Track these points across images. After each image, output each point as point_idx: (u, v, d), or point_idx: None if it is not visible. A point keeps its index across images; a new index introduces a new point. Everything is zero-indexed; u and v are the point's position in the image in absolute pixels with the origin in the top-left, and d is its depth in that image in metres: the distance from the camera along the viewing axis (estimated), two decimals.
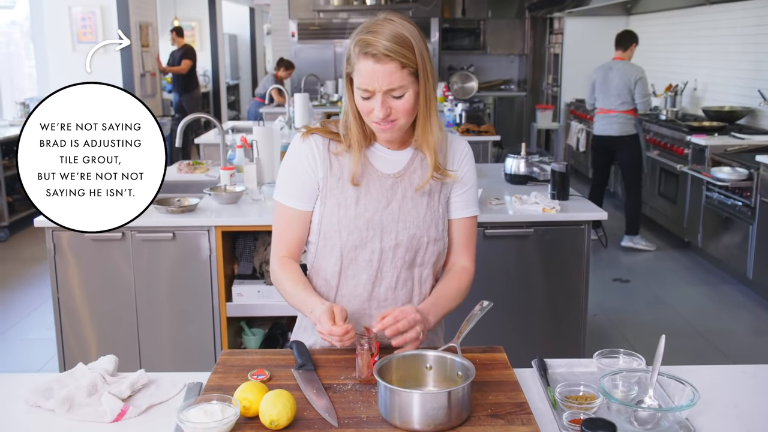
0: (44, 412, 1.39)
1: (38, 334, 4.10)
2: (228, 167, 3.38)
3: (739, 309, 4.52)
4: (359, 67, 1.50)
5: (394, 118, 1.53)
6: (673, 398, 1.36)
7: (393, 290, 1.64)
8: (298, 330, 1.78)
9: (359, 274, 1.63)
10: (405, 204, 1.61)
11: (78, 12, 8.06)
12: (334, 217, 1.61)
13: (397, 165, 1.64)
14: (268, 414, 1.27)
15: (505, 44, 10.54)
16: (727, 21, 6.08)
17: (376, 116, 1.51)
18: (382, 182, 1.61)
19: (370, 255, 1.61)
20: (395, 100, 1.51)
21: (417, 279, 1.66)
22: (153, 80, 8.91)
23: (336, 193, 1.61)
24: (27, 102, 7.35)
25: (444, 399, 1.27)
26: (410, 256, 1.63)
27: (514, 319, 3.11)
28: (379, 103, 1.50)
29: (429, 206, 1.63)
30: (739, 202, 4.72)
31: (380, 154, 1.64)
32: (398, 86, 1.49)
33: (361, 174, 1.61)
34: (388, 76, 1.48)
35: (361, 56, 1.49)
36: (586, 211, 3.08)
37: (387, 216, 1.60)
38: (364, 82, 1.50)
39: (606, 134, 5.76)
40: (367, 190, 1.61)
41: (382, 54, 1.47)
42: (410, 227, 1.61)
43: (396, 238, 1.60)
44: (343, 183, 1.61)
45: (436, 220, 1.64)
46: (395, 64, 1.48)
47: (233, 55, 14.53)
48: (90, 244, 2.97)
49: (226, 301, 3.05)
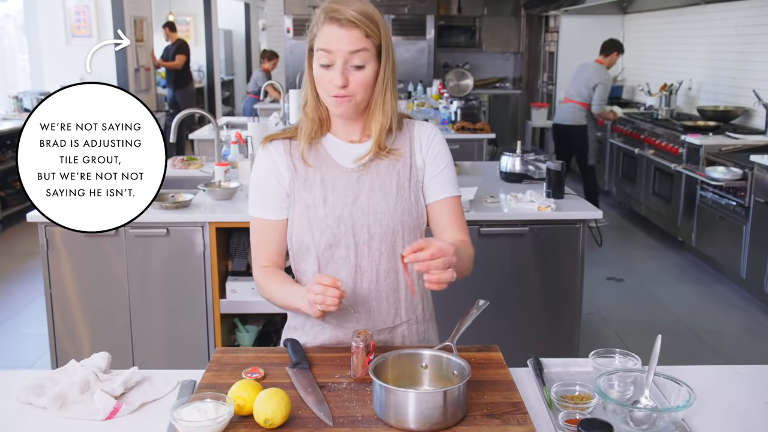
0: (36, 410, 1.38)
1: (31, 330, 4.08)
2: (222, 163, 3.36)
3: (733, 308, 4.53)
4: (323, 32, 1.49)
5: (351, 92, 1.51)
6: (669, 398, 1.36)
7: (375, 283, 1.62)
8: (287, 330, 1.76)
9: (338, 272, 1.61)
10: (373, 196, 1.59)
11: (72, 6, 8.02)
12: (304, 218, 1.59)
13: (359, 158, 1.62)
14: (263, 412, 1.26)
15: (500, 42, 10.54)
16: (723, 21, 6.09)
17: (335, 83, 1.49)
18: (348, 177, 1.59)
19: (345, 251, 1.60)
20: (355, 71, 1.50)
21: (401, 270, 1.63)
22: (147, 75, 8.87)
23: (304, 194, 1.60)
24: (20, 96, 7.31)
25: (440, 398, 1.27)
26: (387, 247, 1.60)
27: (509, 318, 3.11)
28: (339, 71, 1.48)
29: (399, 195, 1.60)
30: (733, 202, 4.73)
31: (343, 149, 1.62)
32: (361, 49, 1.48)
33: (321, 165, 1.60)
34: (353, 39, 1.47)
35: (326, 22, 1.48)
36: (581, 209, 3.08)
37: (356, 210, 1.58)
38: (326, 44, 1.48)
39: (560, 122, 6.28)
40: (334, 187, 1.59)
41: (348, 20, 1.47)
42: (382, 218, 1.59)
43: (369, 231, 1.59)
44: (309, 184, 1.60)
45: (409, 207, 1.61)
46: (360, 32, 1.48)
47: (228, 51, 14.49)
48: (83, 240, 2.95)
49: (220, 298, 3.04)
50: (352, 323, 1.63)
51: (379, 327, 1.63)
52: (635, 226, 6.51)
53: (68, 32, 8.08)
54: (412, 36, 9.72)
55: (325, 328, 1.66)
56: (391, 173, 1.61)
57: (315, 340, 1.67)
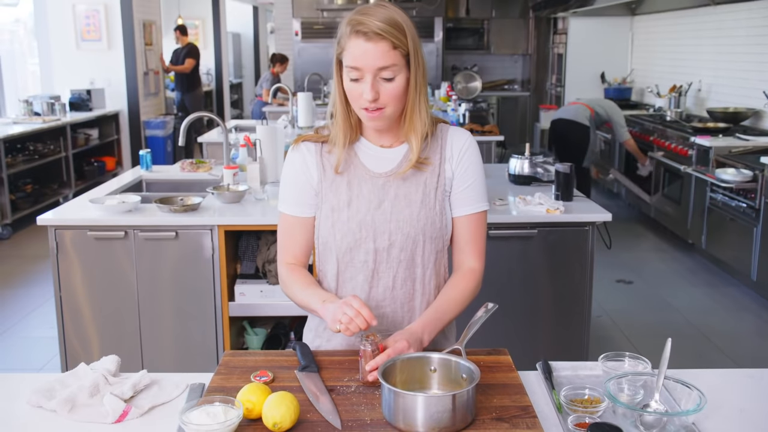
0: (46, 413, 1.38)
1: (40, 333, 4.10)
2: (231, 166, 3.37)
3: (743, 311, 4.50)
4: (350, 47, 1.48)
5: (383, 104, 1.50)
6: (680, 402, 1.35)
7: (391, 290, 1.62)
8: (307, 330, 1.76)
9: (356, 276, 1.62)
10: (398, 203, 1.58)
11: (82, 10, 8.06)
12: (328, 220, 1.60)
13: (389, 163, 1.61)
14: (271, 416, 1.26)
15: (508, 44, 10.54)
16: (732, 21, 6.07)
17: (366, 98, 1.48)
18: (374, 182, 1.59)
19: (364, 256, 1.60)
20: (385, 83, 1.49)
21: (419, 279, 1.63)
22: (156, 78, 8.91)
23: (330, 197, 1.60)
24: (30, 100, 7.35)
25: (449, 402, 1.26)
26: (406, 255, 1.60)
27: (518, 321, 3.10)
28: (369, 85, 1.47)
29: (424, 204, 1.59)
30: (743, 204, 4.70)
31: (371, 152, 1.62)
32: (390, 65, 1.47)
33: (349, 169, 1.60)
34: (379, 54, 1.46)
35: (352, 36, 1.47)
36: (590, 212, 3.07)
37: (379, 216, 1.58)
38: (354, 60, 1.47)
39: (562, 117, 6.00)
40: (360, 191, 1.59)
41: (374, 33, 1.45)
42: (404, 226, 1.58)
43: (389, 238, 1.58)
44: (336, 186, 1.60)
45: (433, 218, 1.60)
46: (387, 44, 1.46)
47: (236, 54, 14.54)
48: (93, 243, 2.96)
49: (229, 301, 3.05)
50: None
51: (392, 332, 1.63)
52: (645, 228, 6.48)
53: (78, 36, 8.13)
54: (420, 38, 9.70)
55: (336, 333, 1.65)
56: (418, 181, 1.60)
57: (329, 343, 1.67)
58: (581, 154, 5.86)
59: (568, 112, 6.04)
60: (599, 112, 5.91)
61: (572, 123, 5.90)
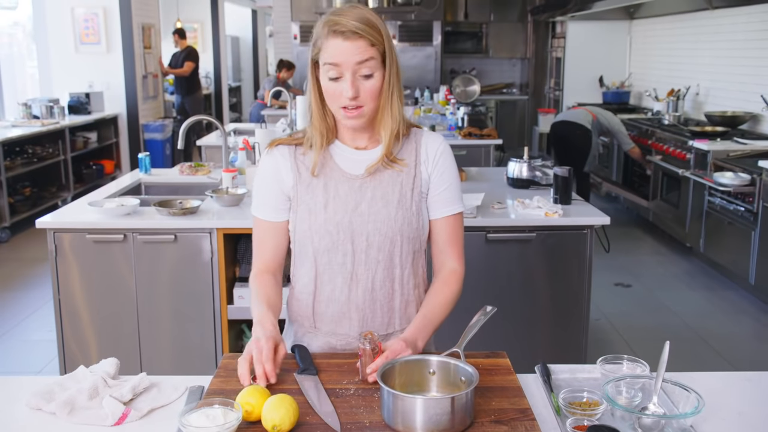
0: (45, 415, 1.38)
1: (39, 336, 4.10)
2: (230, 169, 3.37)
3: (742, 314, 4.51)
4: (327, 46, 1.50)
5: (362, 102, 1.52)
6: (678, 405, 1.36)
7: (371, 292, 1.62)
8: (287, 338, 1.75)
9: (335, 278, 1.62)
10: (374, 204, 1.59)
11: (81, 13, 8.07)
12: (305, 223, 1.61)
13: (364, 165, 1.62)
14: (271, 419, 1.26)
15: (507, 48, 10.55)
16: (730, 26, 6.08)
17: (346, 95, 1.50)
18: (351, 184, 1.60)
19: (342, 258, 1.60)
20: (364, 80, 1.51)
21: (398, 279, 1.64)
22: (155, 82, 8.91)
23: (306, 199, 1.61)
24: (29, 103, 7.35)
25: (447, 405, 1.26)
26: (384, 256, 1.61)
27: (517, 324, 3.11)
28: (349, 82, 1.50)
29: (400, 204, 1.60)
30: (741, 208, 4.71)
31: (347, 155, 1.63)
32: (368, 59, 1.49)
33: (325, 171, 1.60)
34: (358, 50, 1.49)
35: (330, 35, 1.50)
36: (588, 215, 3.08)
37: (356, 218, 1.59)
38: (332, 57, 1.49)
39: (564, 119, 6.02)
40: (336, 193, 1.60)
41: (351, 31, 1.48)
42: (381, 227, 1.59)
43: (367, 239, 1.59)
44: (312, 189, 1.61)
45: (409, 218, 1.61)
46: (364, 41, 1.49)
47: (235, 57, 14.55)
48: (91, 246, 2.96)
49: (228, 304, 3.05)
50: (345, 330, 1.64)
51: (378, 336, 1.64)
52: (643, 231, 6.49)
53: (77, 39, 8.13)
54: (418, 42, 9.73)
55: (317, 335, 1.67)
56: (395, 182, 1.61)
57: (309, 347, 1.66)
58: (582, 158, 5.86)
59: (569, 115, 6.06)
60: (601, 120, 5.95)
61: (574, 125, 5.89)
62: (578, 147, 5.90)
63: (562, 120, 6.08)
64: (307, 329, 1.68)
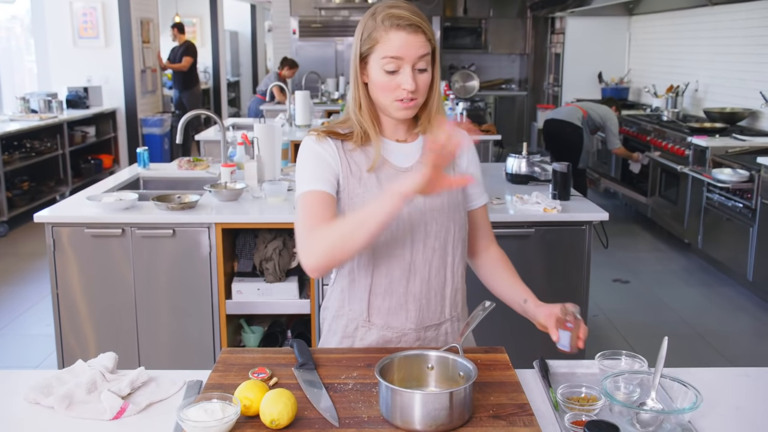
0: (43, 409, 1.38)
1: (37, 330, 4.10)
2: (228, 164, 3.37)
3: (739, 311, 4.51)
4: (389, 39, 1.52)
5: (417, 95, 1.56)
6: (676, 401, 1.36)
7: (427, 281, 1.62)
8: (328, 334, 1.71)
9: (392, 271, 1.60)
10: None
11: (79, 7, 8.05)
12: None
13: (411, 157, 1.63)
14: (269, 413, 1.26)
15: (506, 43, 10.54)
16: (729, 22, 6.08)
17: (407, 87, 1.52)
18: (401, 177, 1.58)
19: (401, 250, 1.59)
20: (419, 74, 1.55)
21: (450, 268, 1.65)
22: (153, 76, 8.89)
23: (360, 192, 1.58)
24: (27, 97, 7.34)
25: (446, 399, 1.27)
26: (440, 244, 1.62)
27: (515, 319, 3.09)
28: (409, 75, 1.52)
29: (450, 193, 1.63)
30: (739, 204, 4.71)
31: (392, 148, 1.63)
32: (426, 53, 1.54)
33: (380, 167, 1.60)
34: (420, 44, 1.53)
35: (392, 29, 1.52)
36: (587, 211, 3.08)
37: (413, 209, 1.59)
38: (396, 51, 1.51)
39: (555, 117, 6.07)
40: (390, 187, 1.56)
41: (415, 25, 1.52)
42: (437, 216, 1.61)
43: (425, 230, 1.60)
44: (365, 183, 1.59)
45: (457, 205, 1.65)
46: (424, 36, 1.54)
47: (234, 52, 14.52)
48: (90, 240, 2.96)
49: (226, 299, 3.05)
50: (401, 322, 1.62)
51: (426, 324, 1.64)
52: (641, 227, 6.49)
53: (75, 34, 8.11)
54: None
55: (371, 329, 1.64)
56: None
57: (362, 342, 1.65)
58: (575, 154, 5.88)
59: (560, 113, 6.12)
60: (593, 116, 5.98)
61: (564, 123, 5.94)
62: (570, 144, 5.94)
63: (553, 118, 6.14)
64: (359, 324, 1.65)
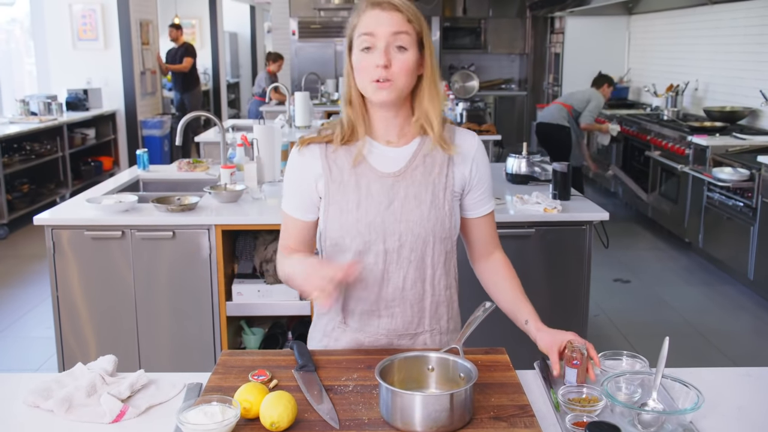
0: (43, 413, 1.38)
1: (37, 333, 4.09)
2: (228, 166, 3.37)
3: (740, 310, 4.51)
4: (364, 18, 1.50)
5: (393, 76, 1.48)
6: (677, 401, 1.35)
7: (401, 290, 1.59)
8: (312, 331, 1.74)
9: (366, 277, 1.59)
10: (407, 203, 1.56)
11: (78, 9, 8.05)
12: (336, 223, 1.57)
13: (397, 163, 1.58)
14: (269, 416, 1.26)
15: (506, 43, 10.53)
16: (729, 21, 6.08)
17: (377, 62, 1.47)
18: (383, 182, 1.56)
19: (374, 258, 1.57)
20: (397, 53, 1.49)
21: (429, 280, 1.60)
22: (153, 78, 8.89)
23: (338, 198, 1.57)
24: (27, 99, 7.34)
25: (446, 401, 1.26)
26: (416, 256, 1.57)
27: None
28: (381, 51, 1.48)
29: (433, 204, 1.57)
30: (740, 203, 4.71)
31: (378, 151, 1.59)
32: (403, 31, 1.49)
33: (357, 169, 1.57)
34: (395, 21, 1.49)
35: (368, 8, 1.50)
36: (587, 211, 3.07)
37: (389, 217, 1.55)
38: (367, 27, 1.49)
39: (542, 120, 6.34)
40: (368, 192, 1.56)
41: (389, 3, 1.50)
42: (414, 227, 1.55)
43: (399, 239, 1.56)
44: (343, 188, 1.57)
45: (442, 218, 1.57)
46: (402, 15, 1.50)
47: (234, 53, 14.52)
48: (90, 243, 2.96)
49: (226, 301, 3.05)
50: (374, 328, 1.62)
51: (400, 332, 1.62)
52: (642, 227, 6.49)
53: (75, 36, 8.11)
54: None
55: (346, 331, 1.64)
56: (427, 181, 1.57)
57: (337, 343, 1.65)
58: (567, 154, 6.04)
59: (546, 115, 6.32)
60: (577, 107, 6.19)
61: (551, 126, 6.18)
62: (560, 144, 6.11)
63: (540, 122, 6.35)
64: (336, 324, 1.66)
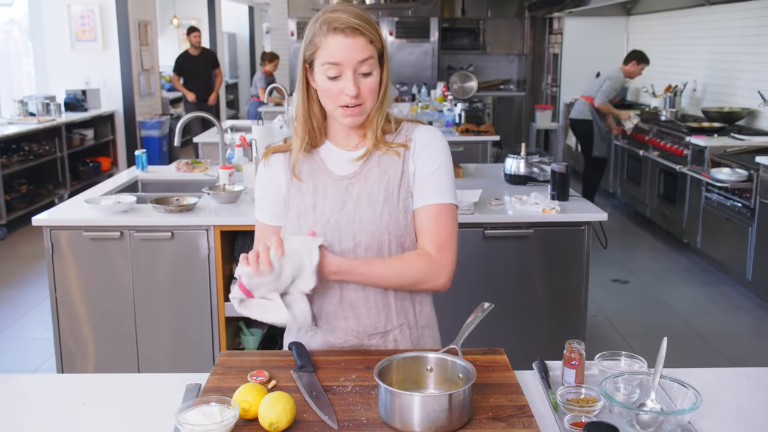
0: (43, 412, 1.38)
1: (36, 333, 4.09)
2: (227, 166, 3.37)
3: (739, 310, 4.51)
4: (327, 44, 1.48)
5: (362, 100, 1.51)
6: (676, 401, 1.35)
7: (363, 290, 1.60)
8: (287, 335, 1.75)
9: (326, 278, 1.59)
10: (360, 203, 1.57)
11: (77, 10, 8.05)
12: (294, 226, 1.61)
13: (353, 165, 1.60)
14: (268, 416, 1.26)
15: (504, 44, 10.54)
16: (727, 21, 6.08)
17: (348, 93, 1.48)
18: (338, 185, 1.59)
19: None
20: (363, 78, 1.50)
21: None
22: (152, 79, 8.89)
23: (297, 202, 1.61)
24: (25, 100, 7.34)
25: (445, 401, 1.26)
26: (372, 254, 1.58)
27: (514, 321, 3.10)
28: (350, 81, 1.48)
29: (386, 202, 1.57)
30: (738, 203, 4.71)
31: (336, 156, 1.62)
32: (368, 57, 1.49)
33: (314, 174, 1.60)
34: (359, 48, 1.47)
35: (329, 33, 1.48)
36: (586, 211, 3.08)
37: (342, 218, 1.57)
38: (333, 56, 1.48)
39: (571, 117, 6.76)
40: (324, 195, 1.59)
41: (352, 28, 1.47)
42: (367, 227, 1.57)
43: (354, 239, 1.57)
44: (302, 192, 1.61)
45: (396, 216, 1.58)
46: (364, 39, 1.48)
47: (232, 54, 14.52)
48: (88, 243, 2.95)
49: (225, 301, 3.04)
50: (342, 328, 1.63)
51: (370, 332, 1.63)
52: (640, 227, 6.49)
53: (73, 36, 8.11)
54: (416, 38, 9.73)
55: (317, 333, 1.66)
56: (381, 180, 1.59)
57: (308, 345, 1.65)
58: (588, 145, 6.56)
59: (573, 112, 6.72)
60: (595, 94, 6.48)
61: (576, 122, 6.61)
62: (585, 138, 6.56)
63: (570, 118, 6.79)
64: (306, 329, 1.67)
